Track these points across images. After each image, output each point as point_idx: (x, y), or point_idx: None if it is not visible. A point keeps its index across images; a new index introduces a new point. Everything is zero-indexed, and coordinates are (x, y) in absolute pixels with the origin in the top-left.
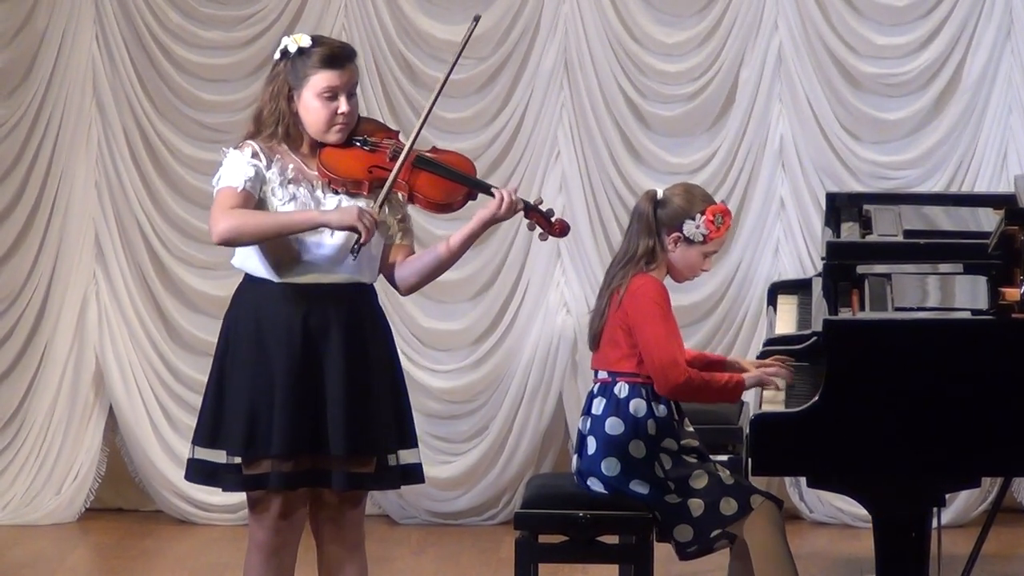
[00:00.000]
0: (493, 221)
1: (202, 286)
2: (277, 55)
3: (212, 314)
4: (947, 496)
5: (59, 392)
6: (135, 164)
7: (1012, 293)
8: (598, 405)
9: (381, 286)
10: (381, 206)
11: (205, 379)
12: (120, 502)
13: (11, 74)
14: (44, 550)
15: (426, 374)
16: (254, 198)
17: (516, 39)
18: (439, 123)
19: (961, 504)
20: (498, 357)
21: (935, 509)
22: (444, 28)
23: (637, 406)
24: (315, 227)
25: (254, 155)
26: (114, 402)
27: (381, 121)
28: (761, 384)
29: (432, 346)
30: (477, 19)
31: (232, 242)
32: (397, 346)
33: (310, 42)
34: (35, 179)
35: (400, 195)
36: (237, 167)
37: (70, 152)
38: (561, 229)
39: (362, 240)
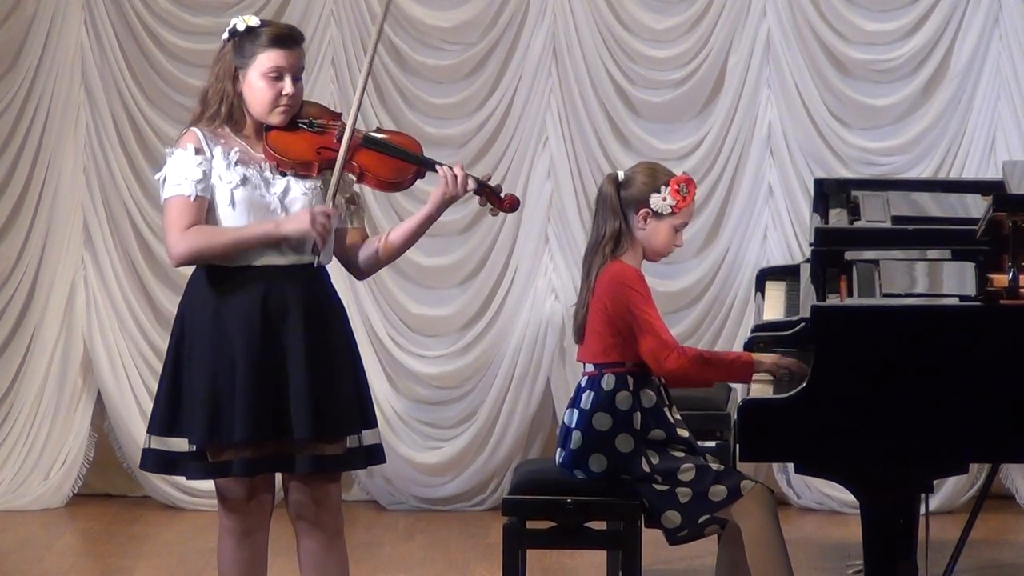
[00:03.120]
0: (447, 200)
1: (190, 271)
2: (225, 35)
3: None
4: (935, 482)
5: (47, 378)
6: (123, 150)
7: (1000, 280)
8: (586, 399)
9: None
10: (335, 197)
11: None
12: (108, 488)
13: (0, 59)
14: (32, 535)
15: (414, 360)
16: (206, 201)
17: (504, 25)
18: (427, 109)
19: (949, 490)
20: (486, 343)
21: (923, 495)
22: (432, 14)
23: (623, 399)
24: (273, 240)
25: (197, 151)
26: (102, 388)
27: (324, 105)
28: (773, 372)
29: (420, 332)
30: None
31: (191, 263)
32: (385, 331)
33: (258, 22)
34: (23, 165)
35: (350, 175)
36: (184, 172)
37: (58, 138)
38: (511, 204)
39: (320, 245)
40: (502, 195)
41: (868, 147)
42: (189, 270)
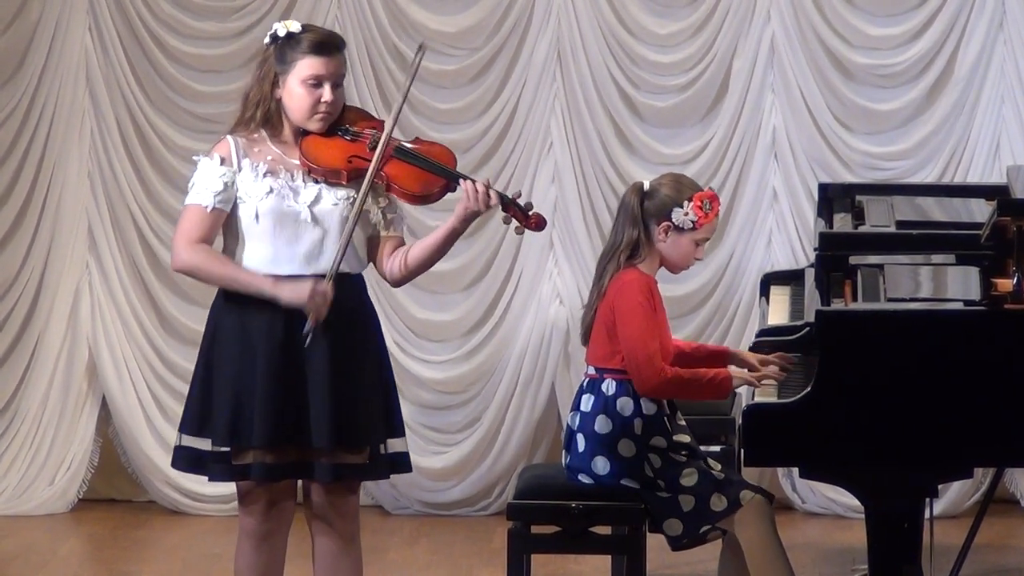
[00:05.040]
0: (470, 215)
1: None
2: (267, 39)
3: (205, 304)
4: (940, 487)
5: (52, 383)
6: (128, 155)
7: (1004, 284)
8: (587, 402)
9: (373, 277)
10: (363, 206)
11: None
12: (113, 492)
13: (4, 65)
14: (37, 540)
15: (419, 365)
16: (224, 213)
17: (509, 30)
18: (432, 114)
19: (954, 495)
20: (491, 348)
21: (928, 500)
22: (437, 19)
23: (624, 404)
24: (266, 297)
25: (223, 161)
26: (107, 392)
27: (366, 110)
28: (750, 385)
29: (425, 337)
30: (422, 48)
31: (188, 275)
32: (390, 336)
33: (300, 28)
34: (28, 170)
35: (379, 185)
36: (207, 182)
37: (63, 143)
38: (537, 223)
39: (309, 324)
40: (530, 213)
41: (872, 151)
42: None
